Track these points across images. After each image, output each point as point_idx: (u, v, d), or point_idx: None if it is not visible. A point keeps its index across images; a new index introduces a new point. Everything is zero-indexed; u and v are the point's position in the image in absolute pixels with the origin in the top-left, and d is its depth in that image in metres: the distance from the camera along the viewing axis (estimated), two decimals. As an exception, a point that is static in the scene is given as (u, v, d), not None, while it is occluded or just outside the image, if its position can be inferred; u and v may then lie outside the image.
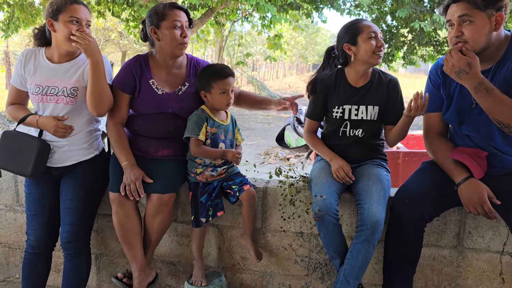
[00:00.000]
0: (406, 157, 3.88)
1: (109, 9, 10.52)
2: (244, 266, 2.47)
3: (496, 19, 1.80)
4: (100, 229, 2.55)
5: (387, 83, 2.24)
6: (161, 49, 2.27)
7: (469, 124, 2.00)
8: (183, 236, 2.50)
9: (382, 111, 2.24)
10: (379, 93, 2.23)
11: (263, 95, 21.54)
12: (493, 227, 2.16)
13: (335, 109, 2.25)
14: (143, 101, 2.29)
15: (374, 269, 2.33)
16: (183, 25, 2.23)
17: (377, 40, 2.14)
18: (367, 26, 2.16)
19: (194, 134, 2.18)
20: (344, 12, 10.78)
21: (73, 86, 2.19)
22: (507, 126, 1.80)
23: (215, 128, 2.24)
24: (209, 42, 18.87)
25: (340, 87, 2.26)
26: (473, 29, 1.80)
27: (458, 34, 1.84)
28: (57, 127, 2.14)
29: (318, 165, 2.30)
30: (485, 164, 1.95)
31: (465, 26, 1.82)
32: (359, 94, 2.23)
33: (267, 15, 10.20)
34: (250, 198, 2.23)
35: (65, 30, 2.10)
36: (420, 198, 2.00)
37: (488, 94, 1.78)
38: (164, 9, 2.22)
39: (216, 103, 2.24)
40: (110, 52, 29.66)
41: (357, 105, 2.23)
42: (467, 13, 1.80)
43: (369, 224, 1.94)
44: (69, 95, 2.19)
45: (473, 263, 2.23)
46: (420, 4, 9.94)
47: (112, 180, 2.26)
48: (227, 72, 2.24)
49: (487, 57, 1.88)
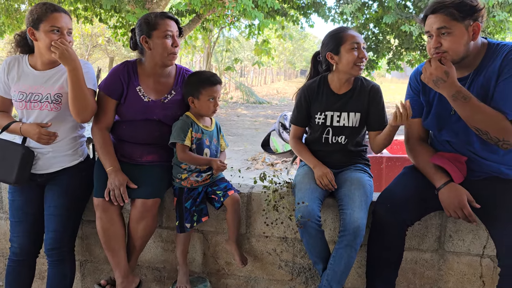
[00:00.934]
0: (389, 162, 3.92)
1: (96, 15, 10.49)
2: (229, 271, 2.48)
3: (474, 29, 1.85)
4: (84, 236, 2.54)
5: (369, 90, 2.27)
6: (152, 58, 2.28)
7: (448, 130, 2.04)
8: (168, 242, 2.50)
9: (364, 117, 2.27)
10: (361, 100, 2.26)
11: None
12: (473, 230, 2.20)
13: (318, 115, 2.29)
14: (128, 108, 2.30)
15: (357, 273, 2.35)
16: (174, 35, 2.25)
17: (359, 51, 2.17)
18: (351, 36, 2.18)
19: (179, 140, 2.19)
20: (329, 19, 10.90)
21: (57, 93, 2.19)
22: (485, 133, 1.84)
23: (200, 133, 2.26)
24: (197, 48, 18.91)
25: (323, 93, 2.30)
26: (452, 40, 1.85)
27: (437, 45, 1.88)
28: (41, 134, 2.13)
29: (301, 171, 2.33)
30: (465, 169, 1.99)
31: (443, 37, 1.86)
32: (342, 101, 2.27)
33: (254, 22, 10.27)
34: (234, 203, 2.25)
35: (46, 40, 2.09)
36: (401, 203, 2.04)
37: (465, 102, 1.82)
38: (155, 19, 2.23)
39: (203, 110, 2.26)
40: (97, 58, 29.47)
41: (339, 111, 2.26)
42: (445, 25, 1.84)
43: (351, 229, 1.97)
44: (53, 102, 2.18)
45: (454, 266, 2.27)
46: (406, 10, 10.10)
47: (96, 185, 2.26)
48: (216, 79, 2.26)
49: (465, 65, 1.93)
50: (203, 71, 2.33)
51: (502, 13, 8.72)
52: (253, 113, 17.42)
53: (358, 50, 2.17)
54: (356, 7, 9.90)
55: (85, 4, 9.66)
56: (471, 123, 1.87)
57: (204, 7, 9.08)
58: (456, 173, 1.97)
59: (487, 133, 1.84)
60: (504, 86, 1.82)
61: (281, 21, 12.05)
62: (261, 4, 9.03)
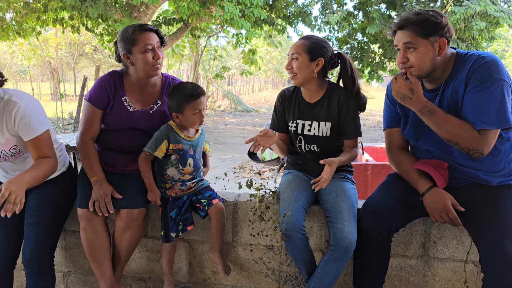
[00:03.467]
0: (374, 169, 3.95)
1: (83, 23, 10.45)
2: (215, 281, 2.47)
3: (440, 44, 1.89)
4: (68, 246, 2.51)
5: (338, 99, 2.26)
6: (135, 72, 2.28)
7: (426, 140, 2.07)
8: (153, 252, 2.48)
9: (335, 127, 2.27)
10: (331, 109, 2.26)
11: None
12: (457, 236, 2.23)
13: (290, 123, 2.32)
14: (114, 118, 2.29)
15: (344, 280, 2.36)
16: (155, 47, 2.23)
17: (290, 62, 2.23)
18: (291, 48, 2.26)
19: (149, 149, 2.21)
20: (315, 28, 10.99)
21: (12, 146, 2.11)
22: (455, 143, 1.89)
23: (182, 144, 2.25)
24: (185, 57, 18.89)
25: (296, 102, 2.33)
26: (417, 56, 1.89)
27: (403, 60, 1.93)
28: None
29: (285, 179, 2.33)
30: (447, 175, 2.02)
31: (410, 52, 1.91)
32: (313, 110, 2.29)
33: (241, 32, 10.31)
34: (218, 212, 2.24)
35: None
36: (386, 210, 2.05)
37: (432, 116, 1.88)
38: (133, 34, 2.20)
39: (189, 123, 2.24)
40: (84, 66, 29.31)
41: (310, 120, 2.28)
42: (411, 41, 1.88)
43: (342, 245, 1.97)
44: (13, 154, 2.14)
45: (439, 272, 2.29)
46: (390, 20, 10.25)
47: (80, 196, 2.24)
48: (199, 92, 2.22)
49: (435, 77, 1.97)
50: (185, 84, 2.27)
51: (481, 22, 8.91)
52: (241, 121, 17.44)
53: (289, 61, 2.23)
54: (341, 16, 10.01)
55: (71, 13, 9.61)
56: (441, 134, 1.91)
57: (191, 16, 9.10)
58: (439, 178, 2.00)
59: (457, 144, 1.88)
60: (470, 97, 1.86)
61: (269, 30, 12.13)
62: (248, 13, 9.08)
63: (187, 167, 2.26)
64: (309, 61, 2.19)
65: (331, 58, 2.24)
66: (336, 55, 2.27)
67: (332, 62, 2.25)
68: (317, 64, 2.20)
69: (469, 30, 9.23)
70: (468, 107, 1.86)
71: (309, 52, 2.18)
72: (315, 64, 2.20)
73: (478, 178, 1.99)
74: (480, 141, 1.84)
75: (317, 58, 2.19)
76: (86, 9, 8.68)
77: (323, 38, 2.32)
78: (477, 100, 1.83)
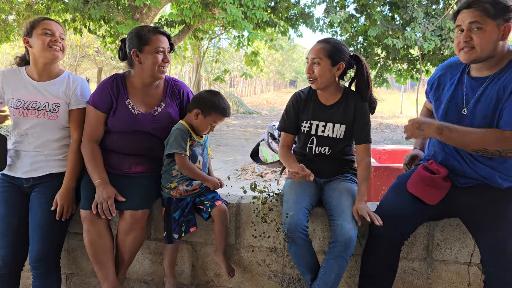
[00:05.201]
0: (377, 171, 3.95)
1: (85, 25, 10.48)
2: (218, 283, 2.46)
3: (505, 29, 1.87)
4: (71, 248, 2.51)
5: (355, 104, 2.28)
6: (141, 71, 2.29)
7: None
8: (156, 254, 2.48)
9: (349, 130, 2.28)
10: (347, 112, 2.27)
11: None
12: (460, 239, 2.22)
13: (304, 123, 2.31)
14: (118, 120, 2.29)
15: (347, 283, 2.35)
16: (166, 51, 2.27)
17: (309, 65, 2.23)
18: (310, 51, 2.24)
19: (182, 150, 2.20)
20: (317, 29, 10.99)
21: (55, 102, 2.29)
22: (484, 151, 1.87)
23: (195, 141, 2.29)
24: (187, 59, 18.94)
25: (311, 102, 2.32)
26: (482, 36, 1.87)
27: (467, 39, 1.90)
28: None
29: (289, 181, 2.33)
30: (447, 185, 2.02)
31: (474, 32, 1.88)
32: (329, 111, 2.29)
33: (243, 33, 10.33)
34: (221, 214, 2.24)
35: (39, 43, 2.26)
36: (401, 216, 2.03)
37: (451, 132, 1.89)
38: (148, 34, 2.24)
39: (201, 127, 2.29)
40: (86, 68, 29.34)
41: (325, 122, 2.28)
42: (478, 20, 1.86)
43: (342, 241, 1.97)
44: (51, 110, 2.28)
45: (442, 275, 2.28)
46: (392, 22, 10.23)
47: (83, 197, 2.24)
48: (228, 113, 2.32)
49: (488, 66, 1.95)
50: (223, 98, 2.34)
51: None
52: (243, 123, 17.44)
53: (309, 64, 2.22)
54: (344, 17, 10.00)
55: (74, 15, 9.64)
56: (469, 146, 1.90)
57: (194, 18, 9.12)
58: (428, 197, 2.03)
59: (486, 150, 1.86)
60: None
61: (270, 33, 12.14)
62: (250, 15, 9.10)
63: (197, 163, 2.28)
64: (330, 66, 2.19)
65: (349, 60, 2.25)
66: (353, 56, 2.28)
67: (349, 63, 2.26)
68: (338, 68, 2.21)
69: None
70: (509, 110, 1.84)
71: (330, 56, 2.18)
72: (336, 69, 2.21)
73: (490, 179, 1.97)
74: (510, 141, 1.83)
75: (338, 62, 2.19)
76: (89, 11, 8.70)
77: (340, 40, 2.32)
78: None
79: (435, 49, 9.66)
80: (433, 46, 9.28)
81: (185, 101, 2.44)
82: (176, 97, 2.41)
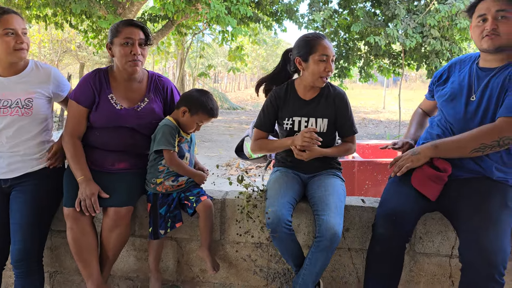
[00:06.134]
0: (361, 166, 3.99)
1: (66, 20, 10.30)
2: (204, 279, 2.47)
3: None
4: (54, 246, 2.48)
5: (334, 97, 2.30)
6: (117, 66, 2.28)
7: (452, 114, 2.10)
8: (141, 251, 2.47)
9: (332, 123, 2.30)
10: (328, 106, 2.29)
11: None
12: (442, 232, 2.26)
13: (286, 120, 2.31)
14: (101, 116, 2.27)
15: (332, 277, 2.38)
16: (135, 42, 2.22)
17: (327, 64, 2.19)
18: (322, 48, 2.18)
19: (171, 147, 2.19)
20: (302, 26, 11.01)
21: (27, 98, 2.20)
22: (483, 146, 1.91)
23: (183, 138, 2.29)
24: (170, 54, 18.78)
25: (290, 99, 2.32)
26: (510, 24, 1.90)
27: (494, 27, 1.92)
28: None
29: (273, 176, 2.34)
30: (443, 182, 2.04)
31: (500, 21, 1.90)
32: (309, 106, 2.30)
33: (227, 29, 10.29)
34: (206, 209, 2.24)
35: (3, 44, 2.15)
36: (405, 215, 2.01)
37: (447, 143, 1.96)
38: (118, 26, 2.24)
39: (187, 125, 2.29)
40: (68, 63, 28.88)
41: (307, 117, 2.29)
42: (506, 9, 1.88)
43: (328, 235, 1.99)
44: (24, 107, 2.19)
45: (425, 267, 2.32)
46: (375, 18, 10.31)
47: (66, 194, 2.21)
48: (215, 114, 2.32)
49: (500, 58, 1.99)
50: (213, 99, 2.33)
51: (464, 21, 9.01)
52: (227, 119, 17.42)
53: (327, 63, 2.19)
54: (327, 14, 10.03)
55: (55, 9, 9.47)
56: (467, 149, 1.94)
57: (177, 13, 9.04)
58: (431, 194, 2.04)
59: (485, 145, 1.91)
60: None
61: (254, 28, 12.12)
62: (234, 10, 9.06)
63: (184, 160, 2.28)
64: None
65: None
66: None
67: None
68: None
69: (451, 28, 9.32)
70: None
71: None
72: None
73: (487, 170, 2.01)
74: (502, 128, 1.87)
75: None
76: (70, 5, 8.56)
77: None
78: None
79: (417, 44, 9.77)
80: (415, 43, 9.39)
81: (169, 97, 2.42)
82: (160, 93, 2.39)
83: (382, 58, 11.10)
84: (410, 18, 9.52)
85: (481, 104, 2.00)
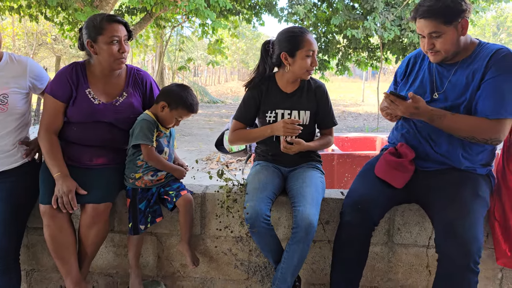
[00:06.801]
0: (340, 159, 4.03)
1: (41, 12, 10.05)
2: (184, 274, 2.46)
3: (462, 25, 1.96)
4: (30, 244, 2.43)
5: (315, 90, 2.34)
6: (99, 63, 2.22)
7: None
8: (120, 247, 2.44)
9: (313, 115, 2.33)
10: (310, 98, 2.32)
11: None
12: (419, 223, 2.31)
13: (268, 113, 2.31)
14: (78, 111, 2.22)
15: (312, 269, 2.40)
16: (121, 40, 2.18)
17: (312, 58, 2.24)
18: (309, 43, 2.22)
19: (149, 141, 2.17)
20: (282, 19, 11.00)
21: (3, 93, 2.14)
22: (472, 138, 1.96)
23: (161, 132, 2.27)
24: (149, 48, 18.52)
25: (272, 92, 2.33)
26: (443, 41, 1.97)
27: (431, 46, 1.99)
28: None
29: (253, 170, 2.34)
30: (412, 169, 2.09)
31: (435, 39, 1.97)
32: (291, 99, 2.31)
33: (207, 22, 10.21)
34: (186, 203, 2.23)
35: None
36: (371, 203, 2.06)
37: (442, 120, 1.96)
38: (101, 23, 2.15)
39: (166, 121, 2.27)
40: (44, 57, 28.20)
41: (290, 109, 2.30)
42: (436, 30, 1.95)
43: (303, 226, 2.00)
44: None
45: (403, 258, 2.36)
46: (353, 11, 10.38)
47: (42, 191, 2.17)
48: (194, 110, 2.30)
49: (456, 55, 2.05)
50: (193, 94, 2.31)
51: None
52: (207, 112, 17.34)
53: (312, 57, 2.23)
54: (308, 8, 10.06)
55: (29, 1, 9.22)
56: (456, 133, 1.98)
57: (155, 6, 8.91)
58: (396, 181, 2.09)
59: (474, 137, 1.95)
60: (490, 85, 1.93)
61: (234, 21, 12.04)
62: (213, 3, 8.99)
63: (163, 155, 2.26)
64: None
65: None
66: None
67: None
68: None
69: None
70: (487, 94, 1.93)
71: None
72: None
73: (453, 158, 2.06)
74: (496, 129, 1.92)
75: None
76: (45, -3, 8.35)
77: None
78: (497, 89, 1.91)
79: (395, 37, 9.89)
80: (393, 35, 9.50)
81: (148, 91, 2.39)
82: (139, 87, 2.36)
83: (361, 52, 11.20)
84: (389, 11, 9.62)
85: (446, 101, 2.04)
